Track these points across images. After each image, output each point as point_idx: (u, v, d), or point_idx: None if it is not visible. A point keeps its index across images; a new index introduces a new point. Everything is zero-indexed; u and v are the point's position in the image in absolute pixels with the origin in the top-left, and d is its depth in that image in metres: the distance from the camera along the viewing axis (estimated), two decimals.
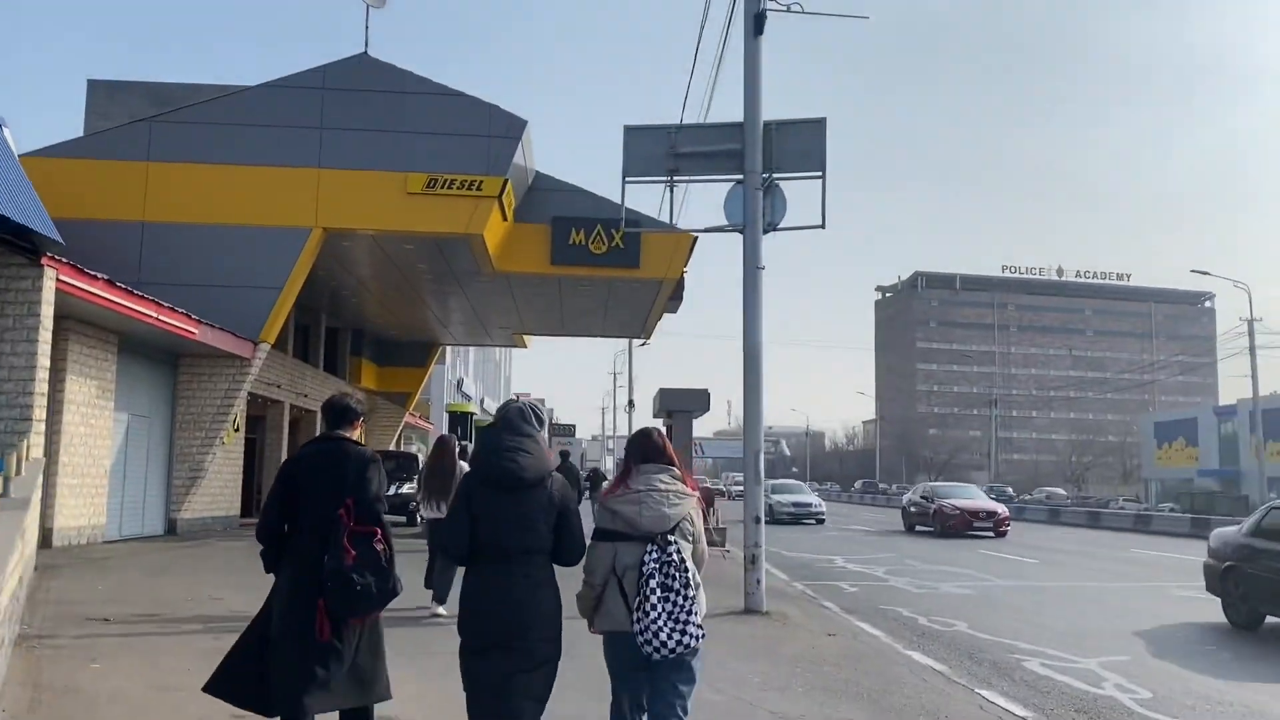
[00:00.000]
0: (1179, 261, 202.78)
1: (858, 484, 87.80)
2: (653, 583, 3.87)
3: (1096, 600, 13.43)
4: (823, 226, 10.81)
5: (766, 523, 28.29)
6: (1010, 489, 73.87)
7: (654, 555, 3.93)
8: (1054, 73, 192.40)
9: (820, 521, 32.93)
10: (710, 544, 16.35)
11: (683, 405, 24.28)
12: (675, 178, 11.27)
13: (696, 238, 20.93)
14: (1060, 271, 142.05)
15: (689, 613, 3.89)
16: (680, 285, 22.79)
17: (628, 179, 11.36)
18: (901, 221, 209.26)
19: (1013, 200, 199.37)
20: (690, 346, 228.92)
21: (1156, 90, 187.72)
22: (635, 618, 3.86)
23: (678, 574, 3.92)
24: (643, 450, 4.26)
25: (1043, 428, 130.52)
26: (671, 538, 3.99)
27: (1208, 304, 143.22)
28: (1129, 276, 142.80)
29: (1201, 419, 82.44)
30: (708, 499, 22.26)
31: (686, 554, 4.03)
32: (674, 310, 25.61)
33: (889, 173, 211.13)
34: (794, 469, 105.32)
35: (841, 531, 29.50)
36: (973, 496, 28.51)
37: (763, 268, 10.80)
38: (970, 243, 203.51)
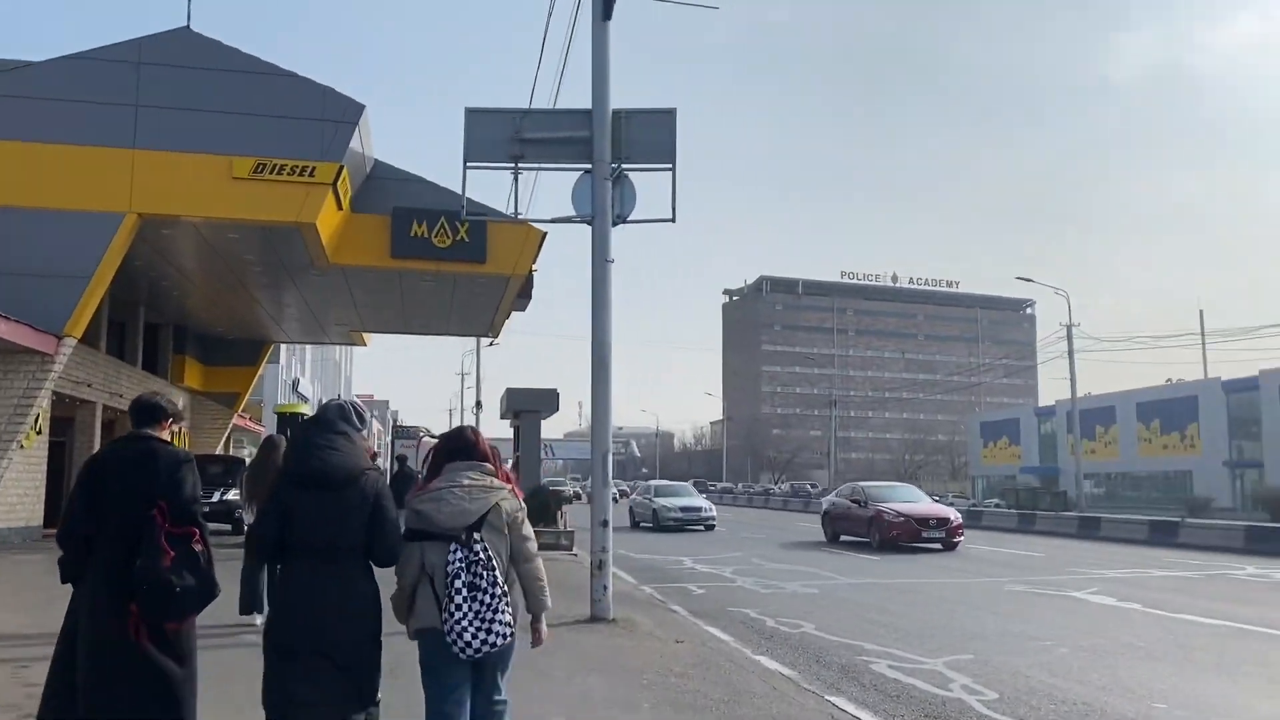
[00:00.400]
0: (1004, 270, 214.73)
1: (714, 485, 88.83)
2: (458, 582, 3.86)
3: (937, 597, 13.62)
4: (673, 220, 10.50)
5: (651, 530, 27.35)
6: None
7: (459, 554, 3.90)
8: (895, 87, 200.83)
9: (710, 528, 29.35)
10: (558, 547, 15.84)
11: (531, 405, 23.70)
12: (521, 165, 10.72)
13: (545, 233, 20.38)
14: (895, 278, 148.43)
15: (496, 611, 3.87)
16: (529, 282, 22.19)
17: (469, 164, 10.76)
18: (749, 226, 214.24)
19: (853, 208, 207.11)
20: (541, 346, 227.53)
21: (985, 107, 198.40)
22: (443, 617, 3.85)
23: (485, 572, 3.89)
24: (450, 448, 4.24)
25: (878, 427, 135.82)
26: (477, 535, 3.94)
27: (1029, 311, 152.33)
28: (957, 284, 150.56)
29: (1023, 419, 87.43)
30: (556, 501, 21.84)
31: (498, 550, 3.99)
32: (523, 308, 24.98)
33: (736, 178, 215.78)
34: (644, 470, 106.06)
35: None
36: (915, 499, 23.67)
37: (612, 261, 10.40)
38: (813, 249, 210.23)
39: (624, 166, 10.58)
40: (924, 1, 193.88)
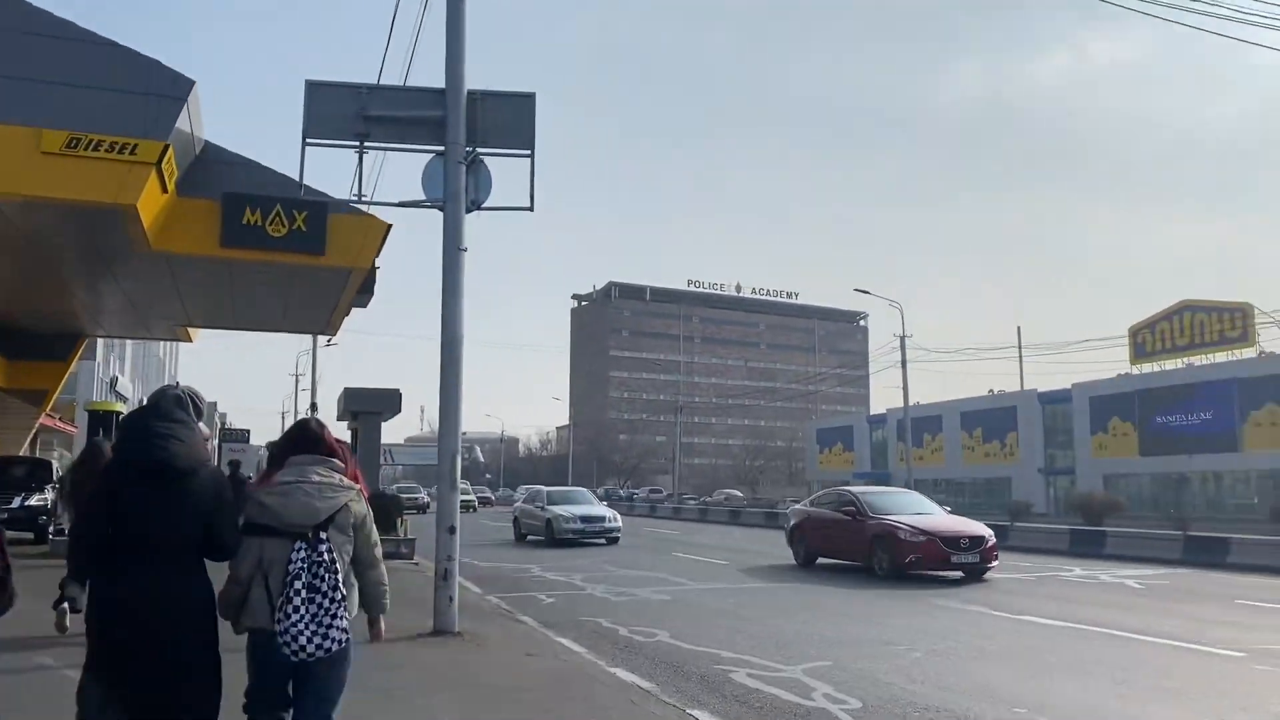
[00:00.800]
0: (841, 284, 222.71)
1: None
2: (298, 583, 3.70)
3: (790, 601, 13.56)
4: (530, 209, 10.00)
5: (544, 544, 24.38)
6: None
7: (302, 553, 3.74)
8: (735, 106, 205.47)
9: (613, 540, 24.90)
10: (398, 556, 14.94)
11: (370, 406, 22.56)
12: (367, 144, 10.00)
13: (390, 225, 19.33)
14: (739, 288, 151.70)
15: (334, 615, 3.73)
16: (371, 277, 21.05)
17: (309, 140, 9.96)
18: (598, 232, 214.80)
19: (698, 220, 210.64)
20: (382, 347, 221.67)
21: (822, 129, 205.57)
22: (277, 618, 3.68)
23: (327, 574, 3.74)
24: (296, 440, 4.05)
25: (721, 433, 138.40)
26: (324, 534, 3.79)
27: (862, 323, 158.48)
28: (797, 295, 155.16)
29: (856, 426, 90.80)
30: (396, 508, 20.86)
31: (341, 552, 3.85)
32: (364, 305, 23.74)
33: (584, 184, 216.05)
34: (487, 475, 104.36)
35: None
36: (927, 509, 17.52)
37: (465, 249, 9.80)
38: (661, 257, 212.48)
39: (479, 151, 10.02)
40: (764, 26, 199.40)
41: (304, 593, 3.70)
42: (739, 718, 6.58)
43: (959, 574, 15.78)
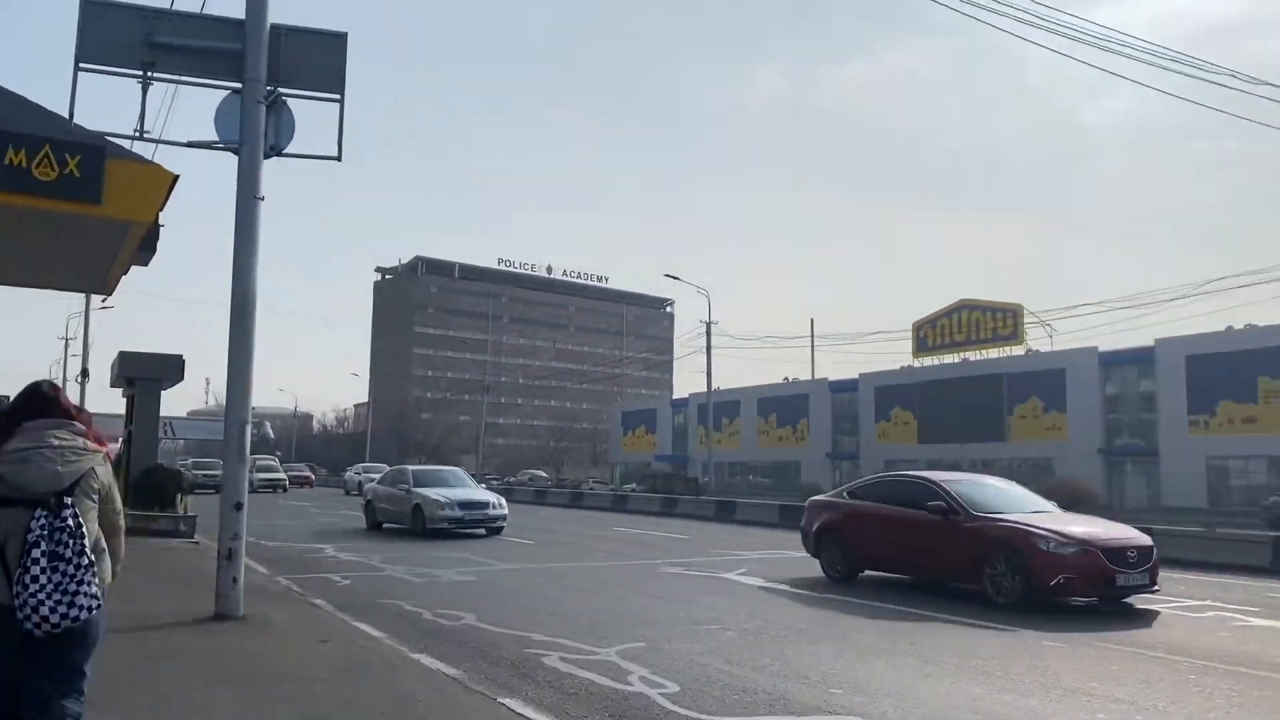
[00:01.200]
0: (649, 270, 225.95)
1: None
2: (36, 552, 3.46)
3: (598, 581, 13.32)
4: (338, 158, 9.21)
5: (410, 534, 20.29)
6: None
7: (43, 520, 3.52)
8: (551, 88, 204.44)
9: (497, 531, 20.65)
10: (176, 534, 13.69)
11: (149, 372, 20.70)
12: (153, 75, 8.91)
13: (177, 176, 17.74)
14: (550, 269, 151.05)
15: (80, 582, 3.50)
16: (154, 231, 19.25)
17: (83, 65, 8.80)
18: (405, 204, 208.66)
19: (510, 198, 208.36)
20: (163, 310, 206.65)
21: (633, 116, 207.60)
22: (15, 591, 3.43)
23: (71, 540, 3.54)
24: (27, 406, 3.81)
25: (527, 414, 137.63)
26: (68, 500, 3.58)
27: (669, 309, 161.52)
28: (607, 279, 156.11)
29: (660, 410, 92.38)
30: (175, 484, 19.26)
31: (88, 518, 3.66)
32: (145, 263, 21.64)
33: (392, 152, 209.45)
34: (277, 452, 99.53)
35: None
36: (1046, 507, 12.44)
37: (262, 198, 8.91)
38: (471, 233, 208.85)
39: (282, 91, 9.13)
40: (581, 11, 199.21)
41: (44, 561, 3.46)
42: (553, 705, 6.20)
43: (1124, 599, 11.07)
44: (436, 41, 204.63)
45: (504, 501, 21.73)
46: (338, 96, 9.24)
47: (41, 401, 3.82)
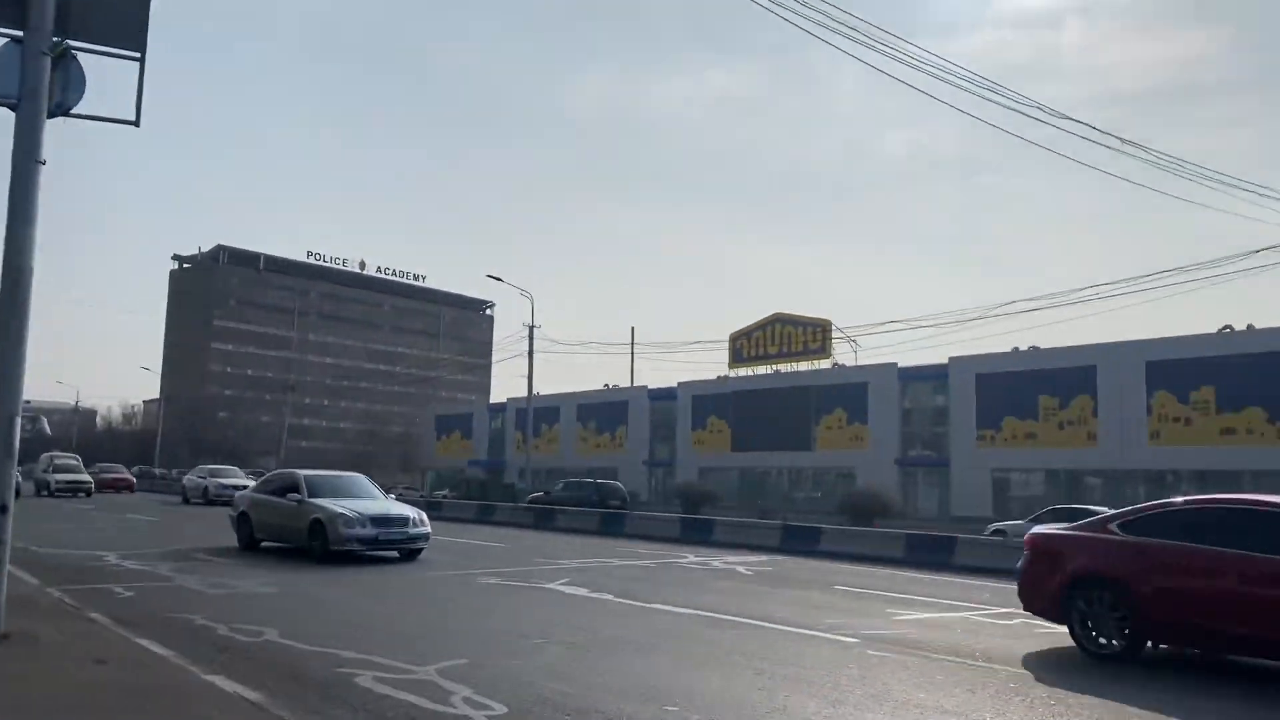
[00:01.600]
0: (469, 272, 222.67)
1: (135, 469, 79.01)
2: None
3: (411, 592, 12.65)
4: (136, 123, 8.24)
5: (299, 557, 15.61)
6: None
7: None
8: (375, 84, 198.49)
9: (415, 554, 16.78)
10: None
11: None
12: None
13: None
14: (363, 265, 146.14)
15: None
16: None
17: None
18: (205, 190, 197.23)
19: (321, 191, 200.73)
20: None
21: (460, 118, 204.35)
22: None
23: None
24: None
25: (334, 416, 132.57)
26: None
27: (488, 312, 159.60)
28: (424, 278, 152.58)
29: (476, 415, 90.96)
30: None
31: None
32: None
33: (193, 136, 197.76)
34: (55, 451, 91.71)
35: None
36: None
37: (43, 162, 7.85)
38: (277, 223, 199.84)
39: (71, 44, 8.09)
40: (408, 11, 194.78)
41: None
42: None
43: None
44: (253, 23, 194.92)
45: (425, 518, 17.15)
46: (138, 54, 8.28)
47: None
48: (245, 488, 24.13)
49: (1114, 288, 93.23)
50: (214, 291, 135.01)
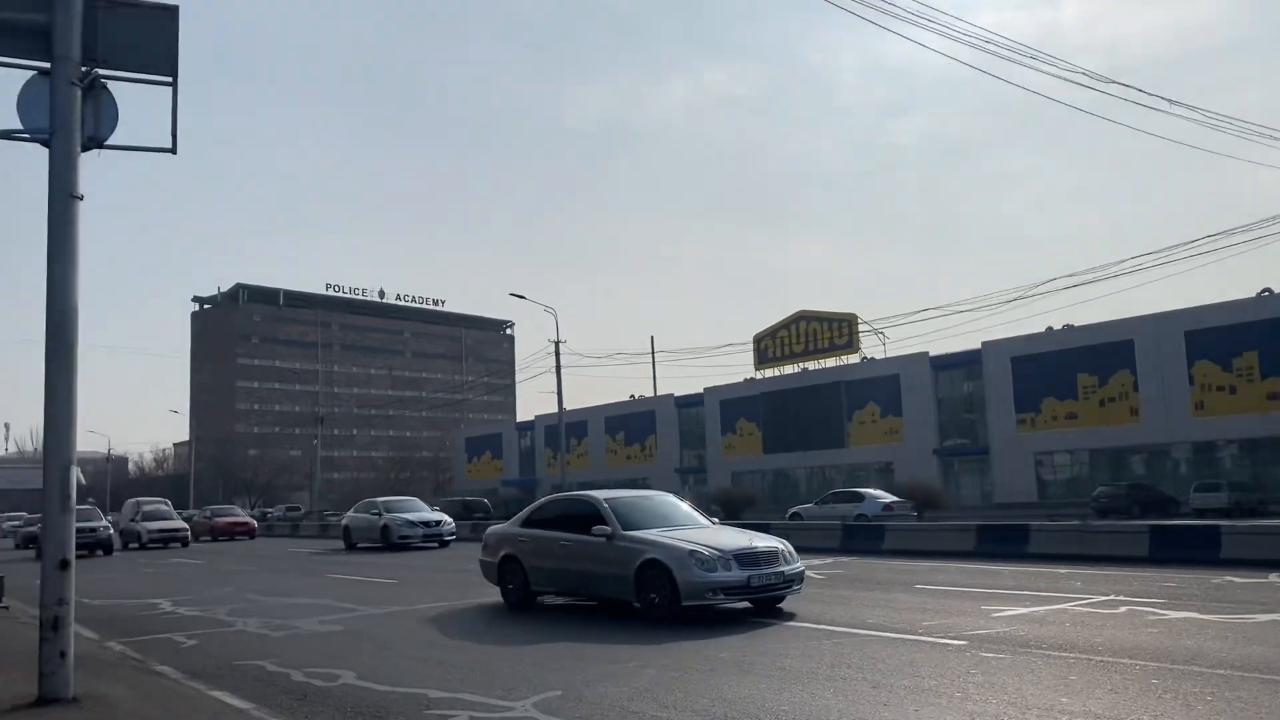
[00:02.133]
0: (488, 292, 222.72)
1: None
2: None
3: (484, 620, 12.19)
4: (173, 151, 7.86)
5: (664, 613, 10.84)
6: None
7: None
8: (380, 108, 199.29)
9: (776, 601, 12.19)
10: None
11: None
12: None
13: None
14: (382, 293, 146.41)
15: None
16: None
17: None
18: (223, 230, 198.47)
19: (337, 222, 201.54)
20: None
21: (465, 136, 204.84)
22: None
23: None
24: None
25: (364, 445, 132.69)
26: None
27: (509, 331, 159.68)
28: (443, 302, 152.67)
29: (505, 434, 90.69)
30: None
31: None
32: None
33: (205, 178, 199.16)
34: (90, 499, 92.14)
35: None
36: None
37: (80, 198, 7.48)
38: (295, 259, 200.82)
39: (101, 73, 7.73)
40: (403, 24, 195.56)
41: None
42: None
43: None
44: (251, 59, 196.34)
45: (793, 550, 12.06)
46: (169, 80, 7.91)
47: None
48: (439, 522, 25.00)
49: (1154, 258, 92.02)
50: (235, 330, 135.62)
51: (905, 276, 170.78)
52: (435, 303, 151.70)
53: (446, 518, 26.82)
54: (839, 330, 63.94)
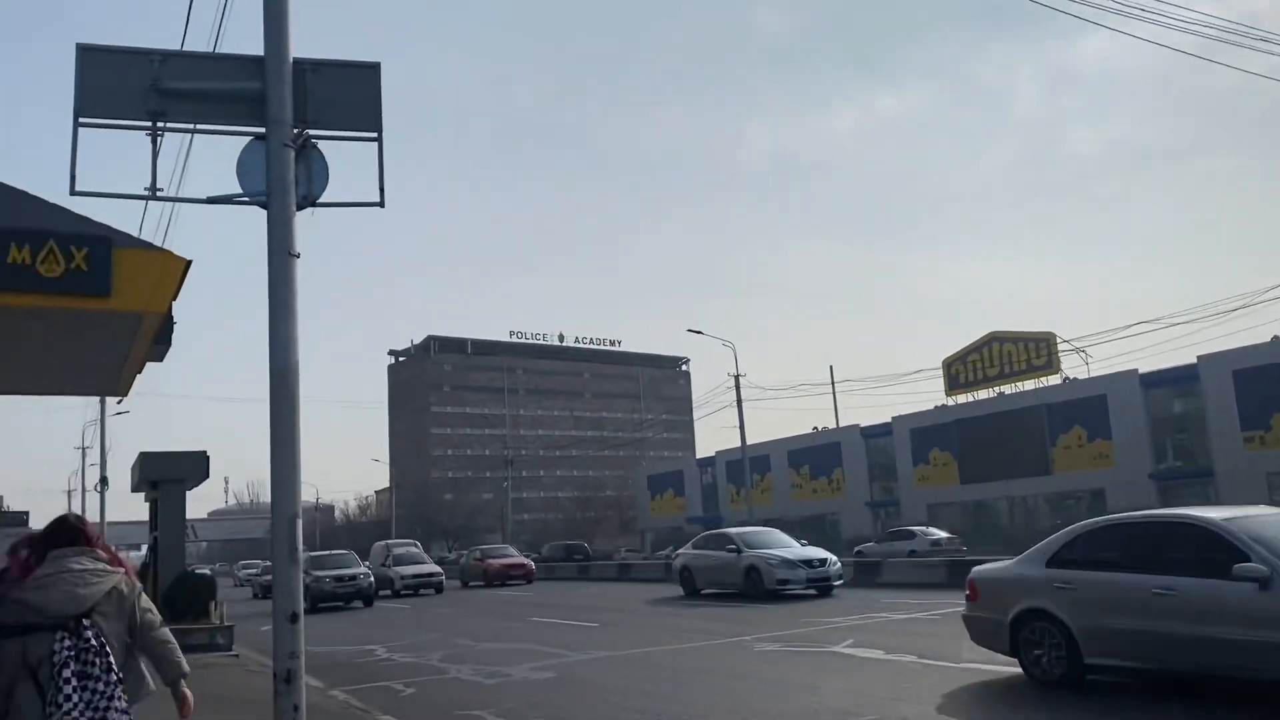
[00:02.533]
0: (660, 330, 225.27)
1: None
2: (67, 672, 3.64)
3: (692, 665, 11.79)
4: (381, 204, 7.95)
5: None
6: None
7: (66, 643, 3.69)
8: (547, 158, 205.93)
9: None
10: (213, 647, 12.19)
11: (172, 473, 19.41)
12: (162, 124, 7.74)
13: (190, 262, 16.62)
14: (561, 337, 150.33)
15: (110, 699, 3.70)
16: (168, 323, 18.12)
17: (83, 120, 7.63)
18: (414, 286, 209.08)
19: (519, 271, 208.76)
20: (184, 410, 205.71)
21: (636, 181, 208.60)
22: (49, 712, 3.60)
23: (97, 659, 3.72)
24: (54, 535, 4.01)
25: (550, 486, 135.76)
26: (87, 621, 3.76)
27: (684, 368, 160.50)
28: (620, 342, 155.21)
29: (686, 470, 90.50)
30: (208, 590, 17.90)
31: (112, 636, 3.81)
32: (160, 358, 20.41)
33: (398, 236, 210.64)
34: (300, 547, 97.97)
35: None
36: None
37: (297, 255, 7.66)
38: (481, 309, 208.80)
39: (311, 133, 7.93)
40: (570, 80, 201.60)
41: (75, 680, 3.64)
42: None
43: None
44: (436, 120, 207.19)
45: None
46: (374, 135, 8.05)
47: (67, 531, 4.03)
48: (824, 560, 21.65)
49: None
50: (428, 380, 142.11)
51: (1102, 292, 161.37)
52: (612, 343, 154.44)
53: (832, 555, 21.40)
54: (1036, 351, 60.65)
